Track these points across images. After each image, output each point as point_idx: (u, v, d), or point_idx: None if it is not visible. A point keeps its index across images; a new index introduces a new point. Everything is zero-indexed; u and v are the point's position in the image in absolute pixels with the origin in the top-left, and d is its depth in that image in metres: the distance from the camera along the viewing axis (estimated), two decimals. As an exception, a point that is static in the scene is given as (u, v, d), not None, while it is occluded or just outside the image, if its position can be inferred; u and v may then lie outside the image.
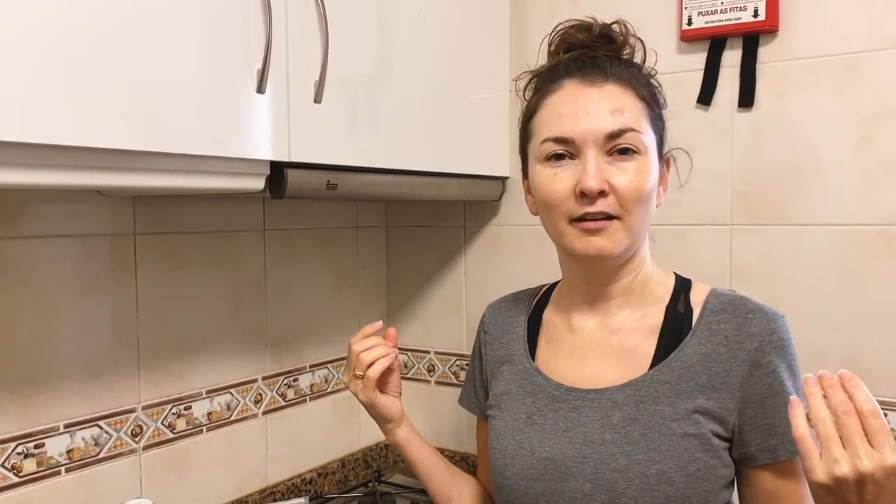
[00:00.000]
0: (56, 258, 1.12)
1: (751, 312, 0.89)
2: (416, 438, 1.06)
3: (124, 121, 0.82)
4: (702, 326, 0.89)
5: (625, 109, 0.86)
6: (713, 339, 0.88)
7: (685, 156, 1.02)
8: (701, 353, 0.88)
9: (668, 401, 0.86)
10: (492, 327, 1.06)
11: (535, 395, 0.93)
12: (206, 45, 0.90)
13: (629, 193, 0.84)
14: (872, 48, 1.20)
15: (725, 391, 0.86)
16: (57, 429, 1.13)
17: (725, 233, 1.33)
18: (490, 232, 1.61)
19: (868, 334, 1.22)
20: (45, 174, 0.79)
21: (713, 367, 0.87)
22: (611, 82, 0.87)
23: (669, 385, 0.87)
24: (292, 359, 1.52)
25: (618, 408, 0.87)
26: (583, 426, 0.88)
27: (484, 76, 1.47)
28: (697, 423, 0.85)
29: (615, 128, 0.84)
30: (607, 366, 0.91)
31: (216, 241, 1.36)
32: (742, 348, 0.87)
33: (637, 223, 0.86)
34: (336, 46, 1.07)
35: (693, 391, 0.86)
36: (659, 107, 0.92)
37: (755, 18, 1.26)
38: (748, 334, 0.87)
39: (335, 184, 1.11)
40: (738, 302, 0.91)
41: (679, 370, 0.87)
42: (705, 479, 0.84)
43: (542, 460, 0.89)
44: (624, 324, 0.93)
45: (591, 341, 0.93)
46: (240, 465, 1.41)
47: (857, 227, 1.22)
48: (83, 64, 0.78)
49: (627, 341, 0.91)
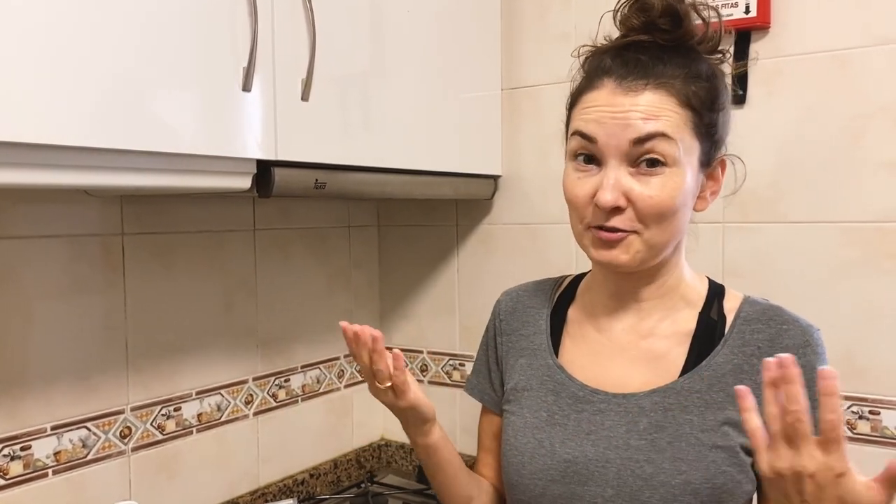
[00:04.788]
0: (43, 259, 1.11)
1: (785, 324, 0.86)
2: (446, 437, 1.00)
3: (109, 119, 0.81)
4: (734, 335, 0.86)
5: (660, 116, 0.79)
6: (745, 350, 0.85)
7: (739, 162, 0.93)
8: (733, 363, 0.85)
9: (698, 410, 0.83)
10: (509, 316, 1.01)
11: (558, 394, 0.90)
12: (190, 43, 0.90)
13: (648, 210, 0.80)
14: (864, 44, 1.19)
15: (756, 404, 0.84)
16: (44, 431, 1.12)
17: (718, 231, 1.33)
18: (483, 231, 1.60)
19: (862, 332, 1.21)
20: (31, 174, 0.79)
21: (745, 379, 0.83)
22: (650, 88, 0.80)
23: (699, 394, 0.84)
24: (284, 359, 1.51)
25: (645, 414, 0.85)
26: (607, 430, 0.86)
27: (476, 74, 1.46)
28: (727, 436, 0.82)
29: (643, 132, 0.79)
30: (635, 370, 0.88)
31: (206, 241, 1.35)
32: None
33: (658, 237, 0.82)
34: (324, 44, 1.06)
35: (723, 402, 0.83)
36: (713, 109, 0.83)
37: (747, 15, 1.25)
38: (782, 346, 0.84)
39: (323, 182, 1.10)
40: (772, 312, 0.87)
41: (710, 379, 0.85)
42: (731, 493, 0.82)
43: (563, 462, 0.86)
44: (654, 329, 0.89)
45: (620, 344, 0.90)
46: (231, 466, 1.41)
47: (850, 225, 1.22)
48: (68, 63, 0.77)
49: (657, 347, 0.88)
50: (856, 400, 1.22)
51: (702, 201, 0.87)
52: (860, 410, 1.22)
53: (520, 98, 1.52)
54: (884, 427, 1.20)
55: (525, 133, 1.51)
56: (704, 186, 0.86)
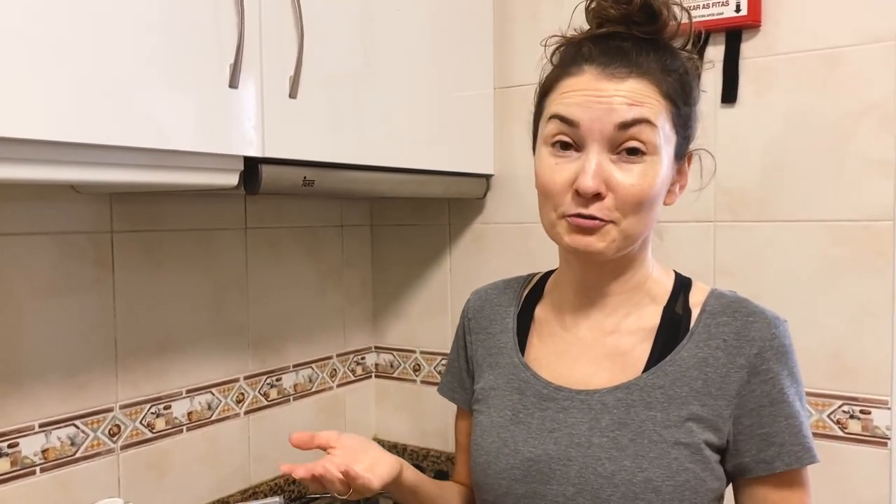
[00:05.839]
0: (31, 256, 1.11)
1: (751, 315, 0.85)
2: (414, 470, 0.98)
3: (95, 115, 0.81)
4: (700, 329, 0.85)
5: (644, 103, 0.79)
6: (711, 343, 0.84)
7: (708, 157, 0.95)
8: (698, 356, 0.84)
9: (661, 406, 0.82)
10: (477, 315, 1.01)
11: (523, 392, 0.90)
12: (177, 39, 0.89)
13: (628, 197, 0.79)
14: (854, 43, 1.19)
15: (721, 398, 0.82)
16: (31, 428, 1.12)
17: (709, 230, 1.33)
18: (475, 230, 1.60)
19: (852, 331, 1.21)
20: (16, 168, 0.78)
21: (710, 373, 0.83)
22: (633, 76, 0.80)
23: (663, 390, 0.83)
24: (275, 358, 1.51)
25: (608, 411, 0.84)
26: (570, 428, 0.85)
27: (468, 73, 1.46)
28: (690, 432, 0.81)
29: (628, 117, 0.78)
30: (600, 368, 0.87)
31: (196, 240, 1.34)
32: (741, 353, 0.83)
33: (634, 227, 0.81)
34: (312, 41, 1.06)
35: (687, 397, 0.82)
36: (689, 104, 0.85)
37: (737, 13, 1.25)
38: (748, 339, 0.83)
39: (312, 180, 1.10)
40: (738, 304, 0.86)
41: (674, 374, 0.83)
42: (694, 490, 0.81)
43: (526, 461, 0.86)
44: (619, 325, 0.89)
45: (585, 341, 0.90)
46: (221, 465, 1.40)
47: (841, 223, 1.21)
48: (52, 57, 0.77)
49: (622, 343, 0.87)
50: (847, 399, 1.22)
51: (671, 195, 0.87)
52: (851, 410, 1.22)
53: (512, 97, 1.52)
54: (875, 426, 1.20)
55: (517, 132, 1.51)
56: (674, 180, 0.87)
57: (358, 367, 1.72)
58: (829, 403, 1.23)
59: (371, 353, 1.76)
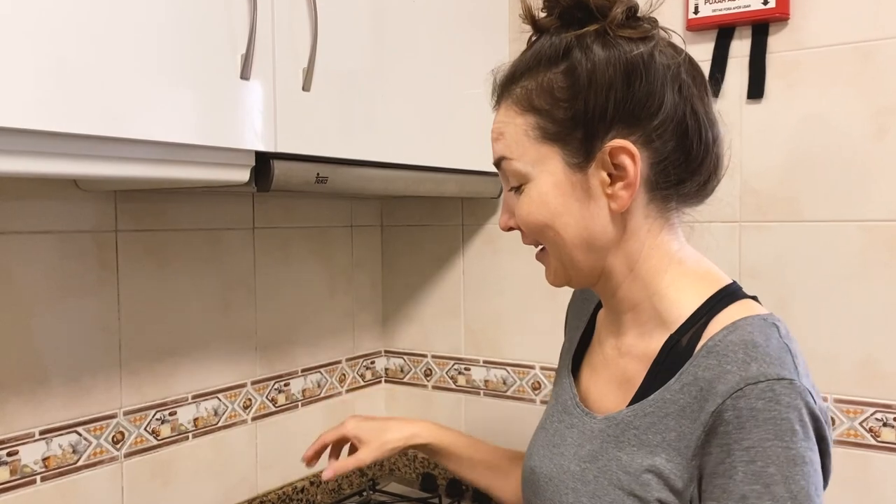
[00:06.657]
0: (33, 256, 1.07)
1: (733, 364, 0.68)
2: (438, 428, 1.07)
3: (100, 105, 0.77)
4: (689, 370, 0.72)
5: (504, 133, 0.77)
6: (692, 389, 0.71)
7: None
8: (679, 403, 0.71)
9: (630, 448, 0.74)
10: (573, 305, 0.99)
11: (558, 398, 0.88)
12: (187, 28, 0.85)
13: (525, 227, 0.78)
14: (887, 36, 1.15)
15: (685, 456, 0.70)
16: (32, 435, 1.07)
17: (734, 230, 1.28)
18: (489, 231, 1.55)
19: (886, 337, 1.16)
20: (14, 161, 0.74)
21: (685, 425, 0.70)
22: (502, 102, 0.79)
23: (637, 432, 0.74)
24: (283, 363, 1.47)
25: (593, 439, 0.79)
26: (565, 447, 0.81)
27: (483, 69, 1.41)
28: (646, 486, 0.71)
29: (496, 156, 0.79)
30: (609, 390, 0.82)
31: (203, 239, 1.30)
32: (704, 409, 0.69)
33: (559, 252, 0.76)
34: (327, 33, 1.02)
35: (657, 447, 0.72)
36: (575, 97, 0.72)
37: (765, 6, 1.21)
38: (713, 392, 0.68)
39: (325, 177, 1.05)
40: (736, 346, 0.69)
41: (652, 417, 0.73)
42: None
43: (528, 470, 0.86)
44: (631, 347, 0.80)
45: (607, 359, 0.84)
46: (228, 473, 1.36)
47: (874, 223, 1.17)
48: (57, 46, 0.73)
49: (629, 368, 0.79)
50: (880, 407, 1.17)
51: (613, 199, 0.73)
52: (884, 417, 1.17)
53: (528, 94, 1.48)
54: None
55: (533, 130, 1.47)
56: (603, 183, 0.73)
57: (368, 372, 1.68)
58: (861, 411, 1.19)
59: (381, 358, 1.71)
